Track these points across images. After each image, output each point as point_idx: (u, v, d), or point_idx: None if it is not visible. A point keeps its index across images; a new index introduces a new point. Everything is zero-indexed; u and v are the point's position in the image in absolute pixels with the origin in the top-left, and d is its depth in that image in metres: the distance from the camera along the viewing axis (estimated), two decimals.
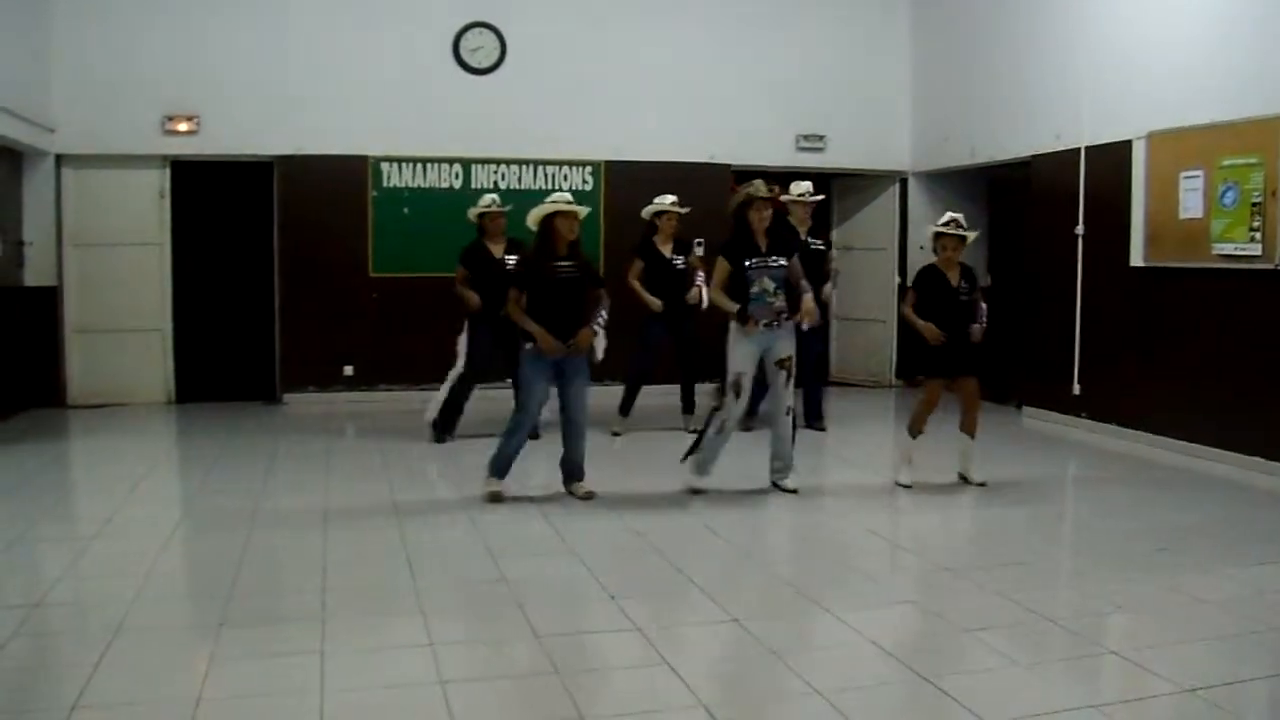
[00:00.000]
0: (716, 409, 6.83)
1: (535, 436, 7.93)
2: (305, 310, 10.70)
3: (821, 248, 9.16)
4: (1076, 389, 9.38)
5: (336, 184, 10.66)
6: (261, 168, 10.83)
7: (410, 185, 10.89)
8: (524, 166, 11.16)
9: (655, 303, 8.78)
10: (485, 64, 11.02)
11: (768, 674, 4.14)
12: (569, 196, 6.81)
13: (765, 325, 6.67)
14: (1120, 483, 7.49)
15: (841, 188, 12.78)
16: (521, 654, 4.24)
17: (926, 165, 11.98)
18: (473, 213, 8.77)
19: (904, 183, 12.25)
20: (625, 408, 9.00)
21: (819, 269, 8.71)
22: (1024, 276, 10.35)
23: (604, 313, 6.75)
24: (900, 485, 7.14)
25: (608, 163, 11.29)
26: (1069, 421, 9.44)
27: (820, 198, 9.16)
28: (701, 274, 8.75)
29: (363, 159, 10.75)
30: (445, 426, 8.67)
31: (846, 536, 6.22)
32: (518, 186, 11.11)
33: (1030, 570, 5.49)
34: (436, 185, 10.94)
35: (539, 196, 10.93)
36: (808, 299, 6.74)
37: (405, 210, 10.86)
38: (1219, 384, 7.95)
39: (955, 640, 4.46)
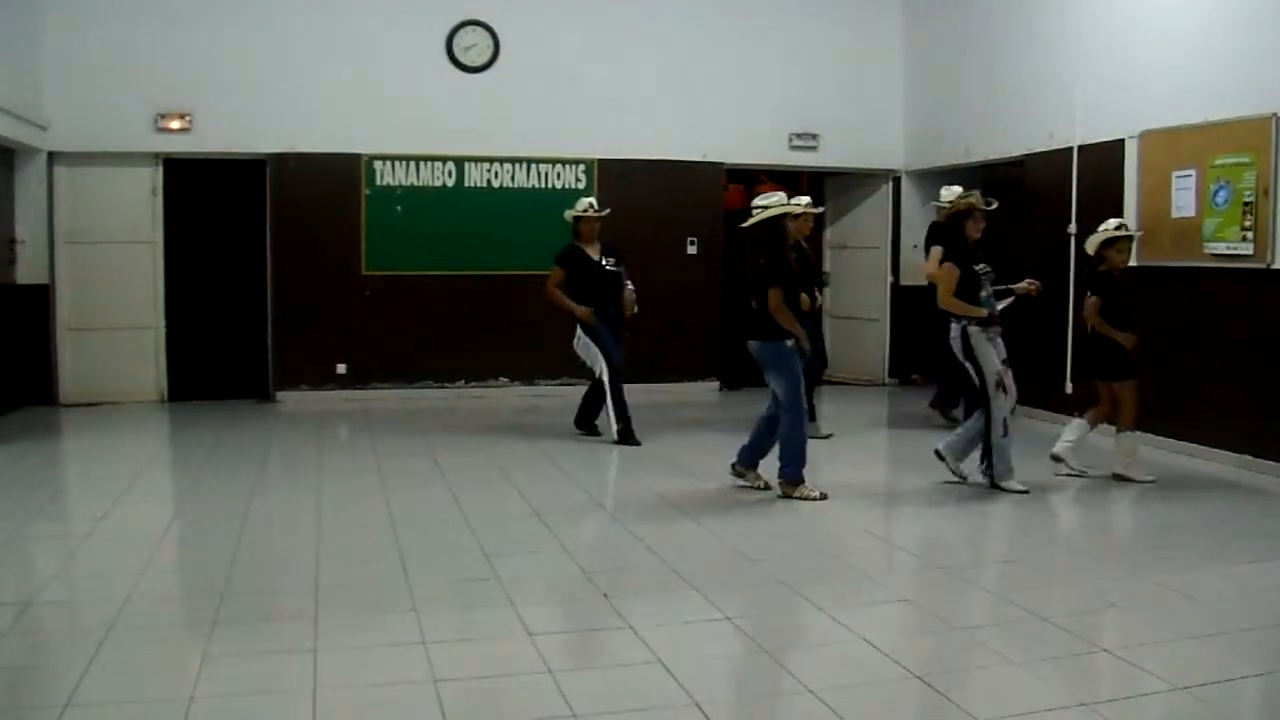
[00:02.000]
0: (988, 417, 6.90)
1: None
2: (298, 308, 10.69)
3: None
4: (1069, 388, 9.40)
5: (329, 182, 10.65)
6: (254, 166, 10.81)
7: (403, 183, 10.88)
8: (517, 165, 11.15)
9: (581, 310, 8.51)
10: (478, 62, 11.01)
11: (761, 672, 4.15)
12: (806, 200, 6.90)
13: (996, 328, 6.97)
14: (1113, 481, 7.50)
15: (834, 187, 12.79)
16: (514, 652, 4.23)
17: (919, 164, 11.99)
18: (569, 214, 8.73)
19: (897, 182, 12.27)
20: (621, 414, 8.82)
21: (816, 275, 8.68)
22: (1016, 275, 10.33)
23: None
24: (1141, 480, 7.20)
25: (600, 161, 11.29)
26: (1062, 421, 9.42)
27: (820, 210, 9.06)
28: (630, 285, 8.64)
29: (356, 157, 10.74)
30: (628, 431, 8.49)
31: (840, 535, 6.22)
32: (510, 185, 11.11)
33: (1023, 569, 5.50)
34: (429, 183, 10.94)
35: (531, 195, 11.11)
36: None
37: (398, 208, 10.86)
38: (1211, 383, 7.97)
39: (949, 638, 4.47)
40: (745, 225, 6.85)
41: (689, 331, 11.47)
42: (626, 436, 8.43)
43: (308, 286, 10.68)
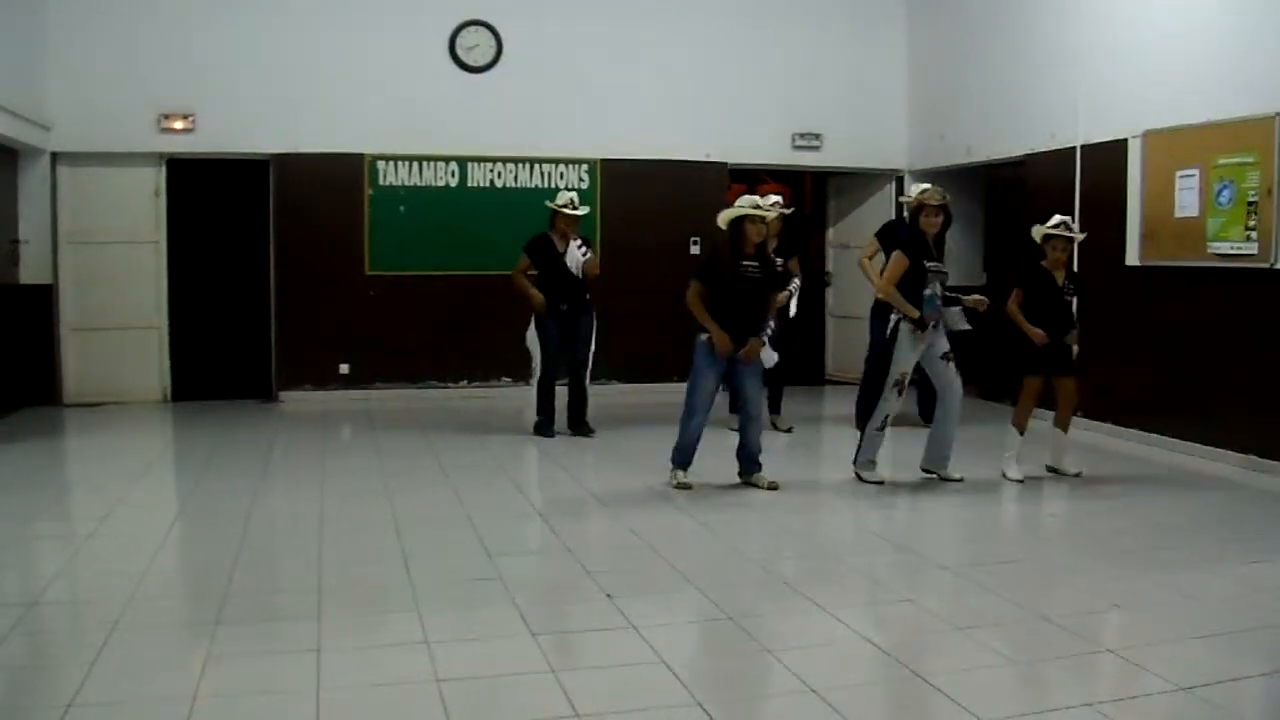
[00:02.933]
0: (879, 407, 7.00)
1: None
2: (301, 308, 10.70)
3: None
4: None
5: (332, 182, 10.66)
6: (257, 166, 10.83)
7: (406, 183, 10.89)
8: (520, 165, 11.15)
9: (536, 298, 8.56)
10: (481, 62, 11.01)
11: (762, 671, 4.15)
12: (756, 200, 6.92)
13: (933, 327, 6.95)
14: (1115, 481, 7.50)
15: (837, 186, 12.79)
16: (516, 652, 4.23)
17: (922, 164, 11.98)
18: (549, 204, 8.72)
19: (900, 181, 12.25)
20: (542, 407, 8.82)
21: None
22: (1019, 275, 10.32)
23: (772, 322, 7.11)
24: (1011, 480, 7.22)
25: (604, 161, 11.29)
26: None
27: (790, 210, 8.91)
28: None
29: (359, 157, 10.75)
30: (546, 425, 8.65)
31: (841, 534, 6.22)
32: (514, 185, 11.12)
33: (1025, 568, 5.49)
34: (433, 183, 10.94)
35: (535, 195, 11.10)
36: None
37: (401, 208, 10.87)
38: (1214, 382, 7.97)
39: (950, 638, 4.46)
40: (719, 222, 6.92)
41: (692, 331, 11.42)
42: (542, 428, 8.64)
43: (311, 286, 10.68)
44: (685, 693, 3.82)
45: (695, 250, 11.52)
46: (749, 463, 7.05)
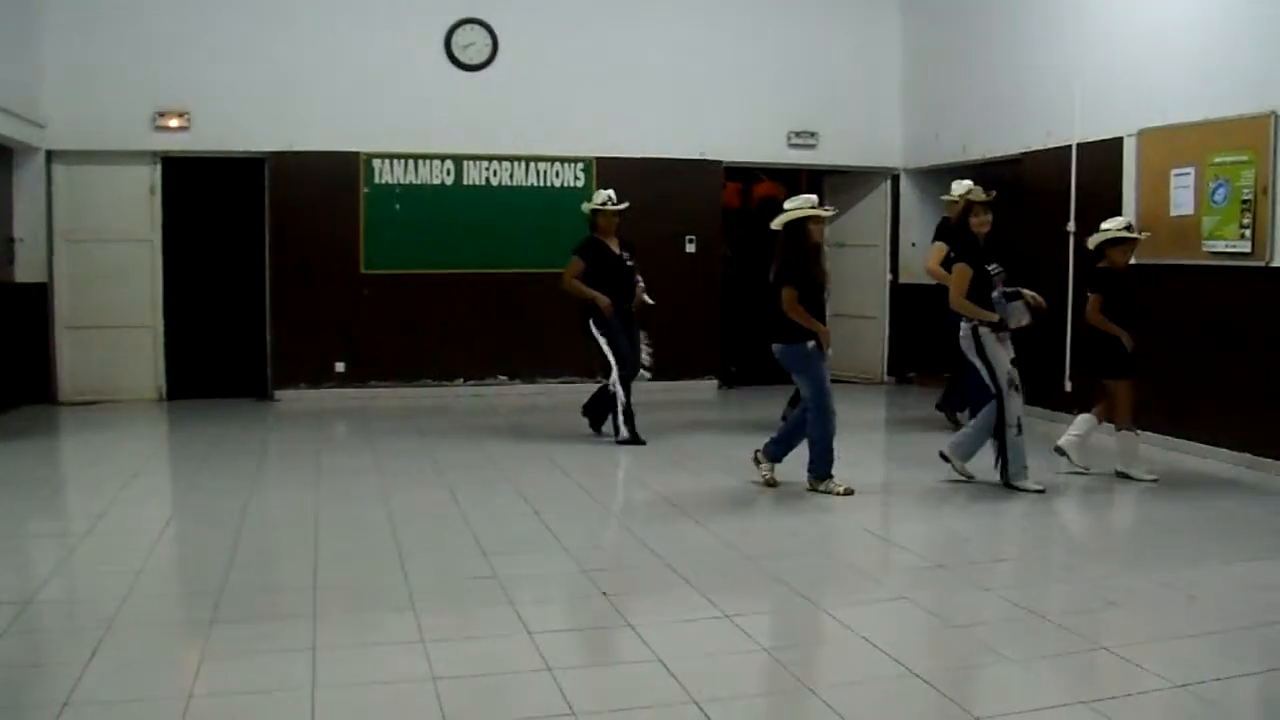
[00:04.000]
0: (1001, 417, 6.89)
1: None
2: (297, 307, 10.68)
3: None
4: (1068, 386, 9.40)
5: (328, 180, 10.65)
6: (253, 164, 10.81)
7: (402, 182, 10.88)
8: (516, 163, 11.15)
9: (604, 300, 8.38)
10: (477, 60, 11.01)
11: (761, 670, 4.15)
12: (813, 199, 6.89)
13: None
14: (1111, 479, 7.51)
15: (833, 184, 12.79)
16: (514, 651, 4.23)
17: (918, 162, 11.99)
18: (587, 207, 8.65)
19: (895, 180, 12.27)
20: (628, 418, 8.61)
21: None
22: (1015, 273, 10.33)
23: None
24: (1142, 479, 7.18)
25: (599, 159, 11.29)
26: (1060, 418, 9.44)
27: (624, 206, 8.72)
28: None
29: (354, 155, 10.74)
30: (634, 434, 8.43)
31: (840, 533, 6.22)
32: (509, 183, 11.11)
33: (1023, 567, 5.50)
34: (428, 182, 10.93)
35: (530, 193, 11.11)
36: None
37: (397, 207, 10.86)
38: (1209, 381, 7.98)
39: (948, 636, 4.47)
40: (773, 225, 6.83)
41: (688, 329, 11.46)
42: (634, 438, 8.37)
43: (306, 285, 10.67)
44: (682, 691, 3.81)
45: (690, 249, 11.53)
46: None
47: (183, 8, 10.30)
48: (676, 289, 11.25)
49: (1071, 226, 9.30)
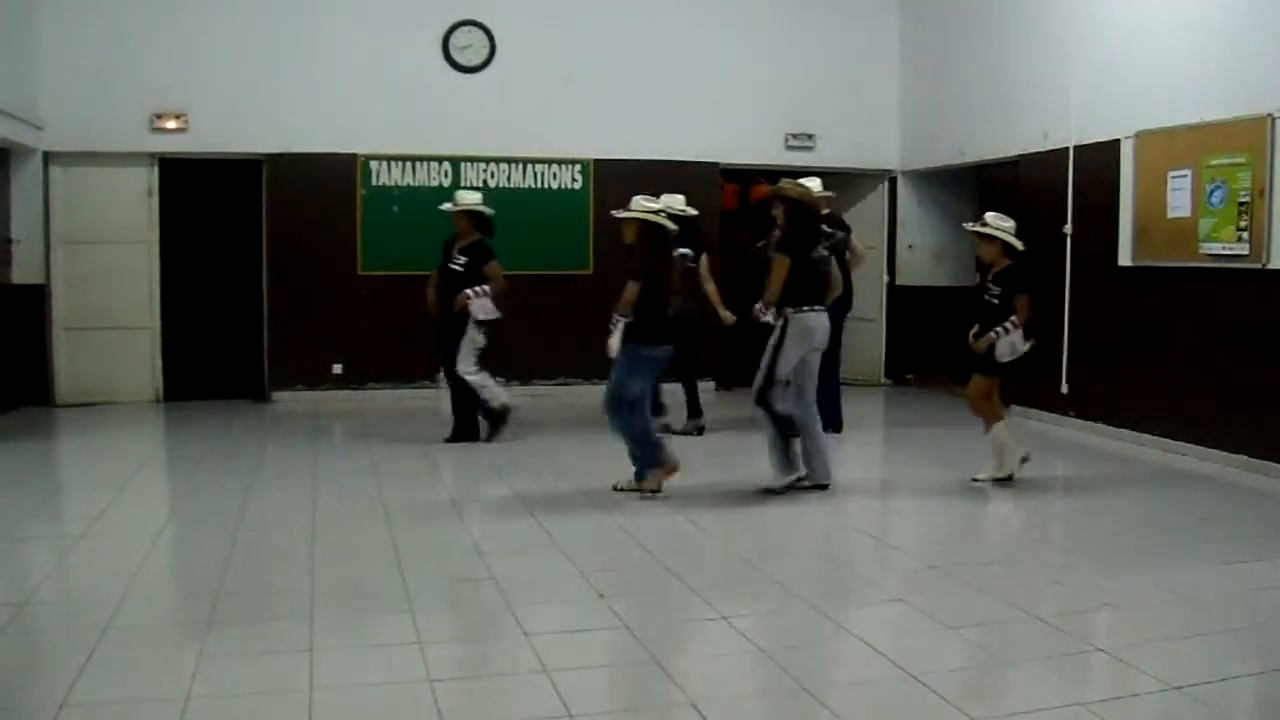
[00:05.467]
0: (774, 417, 6.76)
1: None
2: (294, 308, 10.68)
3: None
4: (1064, 388, 9.41)
5: (325, 182, 10.65)
6: (250, 166, 10.81)
7: (399, 183, 10.88)
8: (513, 165, 11.15)
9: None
10: (474, 62, 11.01)
11: (756, 671, 4.15)
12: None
13: None
14: (1107, 480, 7.52)
15: (830, 186, 12.73)
16: (510, 652, 4.24)
17: (915, 164, 12.00)
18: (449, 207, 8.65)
19: (893, 182, 12.28)
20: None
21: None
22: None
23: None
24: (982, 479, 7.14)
25: (597, 161, 11.29)
26: (1056, 420, 9.47)
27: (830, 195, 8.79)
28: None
29: (352, 157, 10.74)
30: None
31: (835, 535, 6.23)
32: (507, 185, 11.11)
33: (1017, 568, 5.50)
34: (426, 183, 10.92)
35: (528, 195, 11.11)
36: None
37: (394, 208, 10.86)
38: (1206, 383, 7.99)
39: (942, 638, 4.47)
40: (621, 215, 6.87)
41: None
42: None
43: (303, 286, 10.67)
44: (679, 692, 3.82)
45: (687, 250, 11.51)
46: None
47: (180, 10, 10.29)
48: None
49: (1068, 229, 9.32)
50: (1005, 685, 3.99)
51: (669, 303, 6.79)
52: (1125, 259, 8.71)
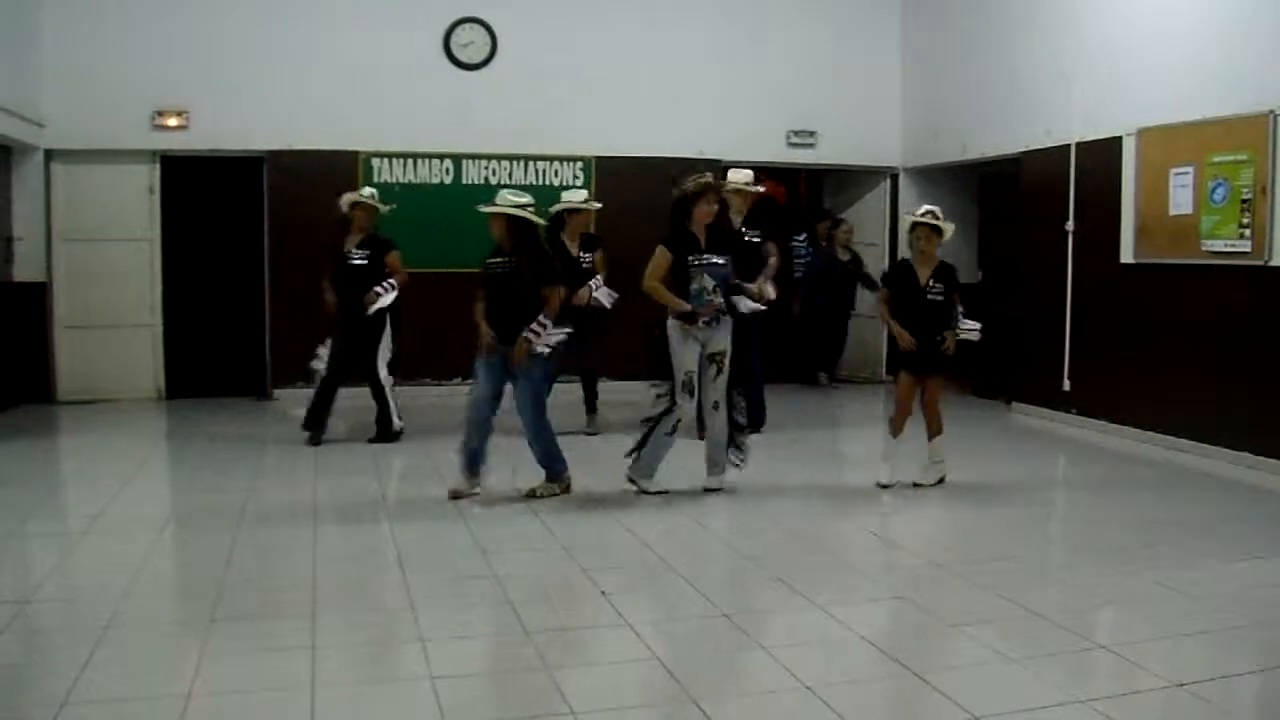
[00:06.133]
0: (667, 411, 6.65)
1: None
2: (295, 306, 10.66)
3: (758, 239, 8.42)
4: (1066, 385, 9.40)
5: (327, 179, 10.58)
6: (251, 163, 10.80)
7: (400, 180, 10.87)
8: (514, 162, 11.15)
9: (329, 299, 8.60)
10: (476, 59, 11.00)
11: (758, 669, 4.15)
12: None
13: (705, 323, 6.60)
14: (1109, 478, 7.52)
15: (832, 184, 12.80)
16: (511, 649, 4.24)
17: (917, 161, 11.99)
18: (559, 207, 8.58)
19: (895, 179, 12.27)
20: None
21: (756, 261, 8.18)
22: (1014, 272, 10.36)
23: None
24: (880, 485, 7.03)
25: (598, 158, 11.28)
26: (1058, 417, 9.46)
27: (761, 190, 8.68)
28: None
29: (353, 154, 10.73)
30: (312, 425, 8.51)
31: (837, 532, 6.22)
32: (508, 182, 11.09)
33: (1019, 565, 5.50)
34: (427, 181, 10.93)
35: (530, 192, 10.96)
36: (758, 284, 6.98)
37: (395, 206, 10.83)
38: (1208, 380, 7.98)
39: (944, 635, 4.47)
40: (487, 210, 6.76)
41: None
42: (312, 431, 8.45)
43: (305, 284, 10.64)
44: (680, 689, 3.82)
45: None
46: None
47: (181, 7, 10.29)
48: None
49: (1070, 226, 9.31)
50: (1008, 682, 3.98)
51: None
52: (1127, 256, 8.70)
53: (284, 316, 10.70)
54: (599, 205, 9.21)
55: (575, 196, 8.75)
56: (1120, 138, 8.75)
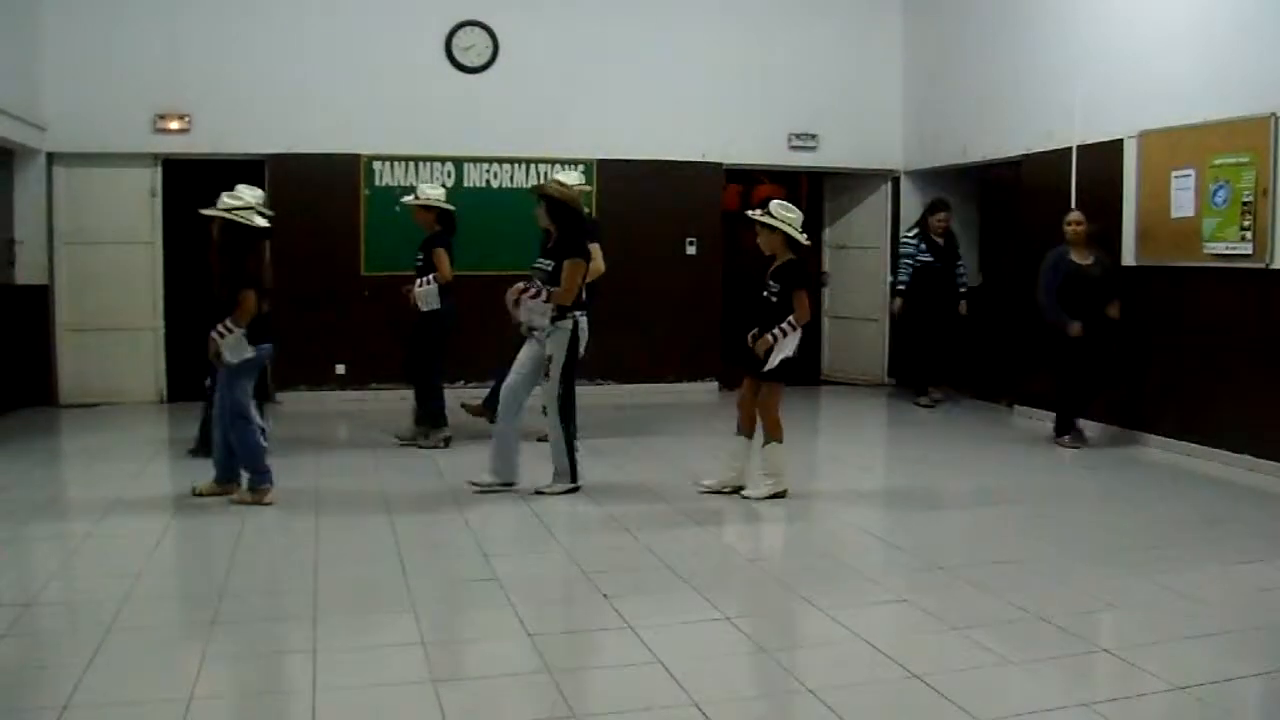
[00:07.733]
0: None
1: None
2: (297, 309, 10.66)
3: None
4: None
5: (329, 182, 10.65)
6: (253, 166, 10.80)
7: (402, 184, 10.86)
8: (516, 165, 11.15)
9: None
10: (477, 62, 11.01)
11: (759, 672, 4.15)
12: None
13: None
14: (1111, 480, 7.51)
15: (833, 186, 12.79)
16: (513, 652, 4.24)
17: (918, 164, 11.99)
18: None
19: (896, 182, 12.26)
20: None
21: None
22: (1015, 275, 10.35)
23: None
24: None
25: (600, 161, 11.29)
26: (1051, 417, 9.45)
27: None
28: None
29: (355, 157, 10.74)
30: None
31: (838, 535, 6.22)
32: (509, 185, 11.11)
33: (1021, 568, 5.49)
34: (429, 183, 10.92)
35: (528, 192, 11.05)
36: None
37: (397, 209, 10.83)
38: (1209, 382, 7.98)
39: (947, 638, 4.46)
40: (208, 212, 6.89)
41: (688, 332, 11.47)
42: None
43: (307, 287, 10.66)
44: (682, 693, 3.81)
45: (691, 250, 11.53)
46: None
47: (183, 10, 10.30)
48: (677, 291, 11.29)
49: None
50: (1009, 685, 3.98)
51: (267, 300, 6.69)
52: (1129, 259, 8.70)
53: (286, 319, 10.68)
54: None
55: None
56: (1122, 140, 8.75)
